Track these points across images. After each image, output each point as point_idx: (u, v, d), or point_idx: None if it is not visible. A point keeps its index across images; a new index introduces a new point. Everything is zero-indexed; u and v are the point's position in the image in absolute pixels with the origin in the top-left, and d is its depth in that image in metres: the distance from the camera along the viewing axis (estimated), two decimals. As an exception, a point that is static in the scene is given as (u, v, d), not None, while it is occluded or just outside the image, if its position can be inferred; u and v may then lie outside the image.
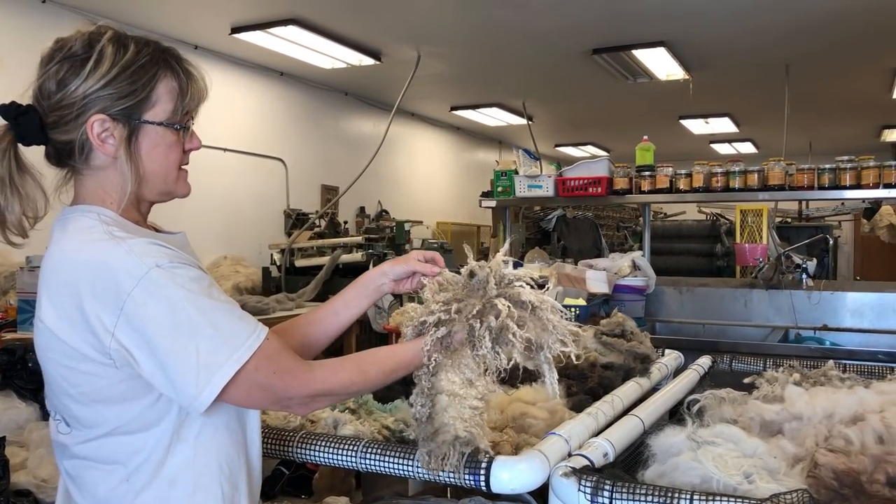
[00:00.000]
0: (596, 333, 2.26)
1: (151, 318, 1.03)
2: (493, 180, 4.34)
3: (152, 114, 1.15)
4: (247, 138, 6.02)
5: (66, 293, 1.07)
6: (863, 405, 1.49)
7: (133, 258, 1.05)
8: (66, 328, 1.07)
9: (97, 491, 1.13)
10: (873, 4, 4.57)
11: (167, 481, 1.12)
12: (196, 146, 1.23)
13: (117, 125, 1.13)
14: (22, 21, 4.44)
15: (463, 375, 1.27)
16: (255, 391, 1.09)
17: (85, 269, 1.06)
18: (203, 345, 1.05)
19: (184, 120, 1.19)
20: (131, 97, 1.13)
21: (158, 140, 1.16)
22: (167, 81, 1.16)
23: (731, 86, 6.83)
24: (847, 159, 3.45)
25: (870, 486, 1.17)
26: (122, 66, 1.12)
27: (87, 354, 1.07)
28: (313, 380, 1.13)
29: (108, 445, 1.12)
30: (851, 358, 2.92)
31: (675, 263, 5.53)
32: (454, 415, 1.24)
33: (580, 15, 4.82)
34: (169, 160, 1.19)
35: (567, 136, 9.87)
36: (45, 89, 1.14)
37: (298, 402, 1.14)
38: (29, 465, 2.33)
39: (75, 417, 1.14)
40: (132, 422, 1.10)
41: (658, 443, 1.38)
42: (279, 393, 1.11)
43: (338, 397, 1.22)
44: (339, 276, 5.44)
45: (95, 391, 1.09)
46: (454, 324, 1.27)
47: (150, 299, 1.03)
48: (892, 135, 9.35)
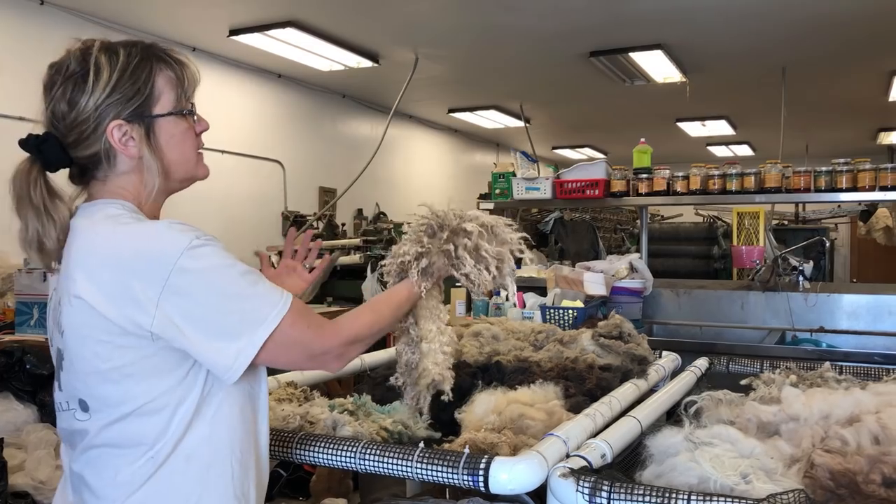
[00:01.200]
0: (594, 335, 2.27)
1: (198, 285, 1.10)
2: (491, 182, 4.34)
3: (160, 107, 1.21)
4: (245, 140, 6.02)
5: (108, 269, 1.11)
6: (859, 406, 1.50)
7: (173, 232, 1.11)
8: (108, 303, 1.10)
9: (117, 476, 1.15)
10: (869, 8, 4.59)
11: (184, 457, 1.15)
12: (205, 127, 1.29)
13: (133, 126, 1.19)
14: (20, 23, 4.44)
15: (436, 325, 1.49)
16: (293, 347, 1.18)
17: (127, 246, 1.11)
18: (247, 305, 1.13)
19: (188, 106, 1.25)
20: (137, 97, 1.19)
21: (173, 129, 1.23)
22: (163, 73, 1.22)
23: (728, 88, 6.85)
24: (843, 162, 3.46)
25: (866, 486, 1.18)
26: (119, 70, 1.17)
27: (126, 328, 1.10)
28: (342, 329, 1.25)
29: (131, 426, 1.14)
30: (847, 360, 2.92)
31: (672, 265, 5.55)
32: (432, 360, 1.46)
33: (577, 18, 4.83)
34: (186, 146, 1.26)
35: (564, 138, 9.89)
36: (58, 112, 1.18)
37: (334, 355, 1.24)
38: (27, 467, 2.34)
39: (100, 397, 1.15)
40: (158, 398, 1.14)
41: (655, 444, 1.39)
42: (315, 346, 1.21)
43: (365, 342, 1.32)
44: (337, 278, 5.45)
45: (128, 365, 1.12)
46: (431, 254, 1.48)
47: (194, 268, 1.10)
48: (888, 137, 9.38)
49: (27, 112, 4.83)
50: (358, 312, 1.33)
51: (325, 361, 1.24)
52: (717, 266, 5.75)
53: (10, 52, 4.36)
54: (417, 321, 1.45)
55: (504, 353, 2.23)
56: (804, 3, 4.56)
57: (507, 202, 4.28)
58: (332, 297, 5.35)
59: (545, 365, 2.10)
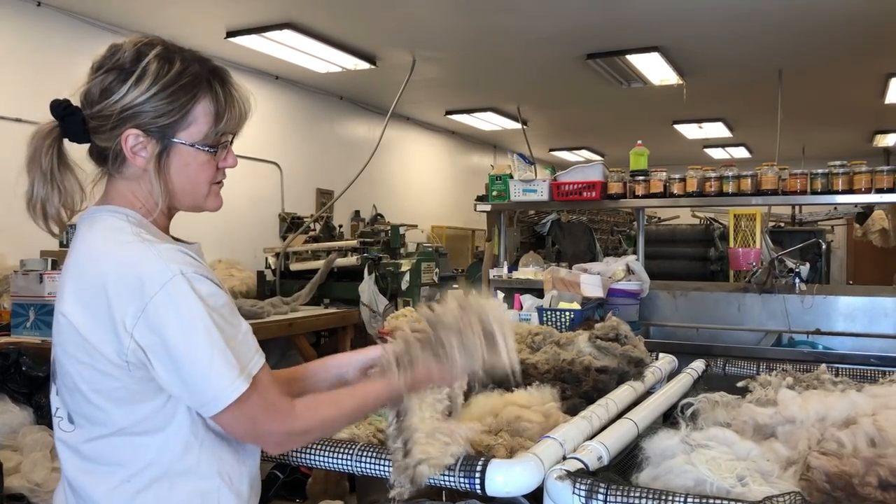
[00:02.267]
0: (590, 337, 2.27)
1: (172, 322, 1.06)
2: (488, 184, 4.34)
3: (186, 134, 1.17)
4: (242, 142, 5.92)
5: (92, 291, 1.09)
6: (855, 408, 1.50)
7: (160, 262, 1.08)
8: (90, 325, 1.09)
9: (93, 493, 1.14)
10: (865, 11, 4.60)
11: (168, 484, 1.13)
12: (230, 164, 1.26)
13: (150, 140, 1.16)
14: (17, 24, 4.43)
15: (433, 409, 1.33)
16: (240, 419, 1.11)
17: (113, 269, 1.09)
18: (214, 364, 1.07)
19: (218, 142, 1.21)
20: (167, 116, 1.15)
21: (189, 159, 1.19)
22: (205, 104, 1.18)
23: (725, 91, 6.86)
24: (839, 164, 3.46)
25: (861, 488, 1.18)
26: (163, 84, 1.14)
27: (105, 353, 1.09)
28: (296, 417, 1.15)
29: (112, 446, 1.13)
30: (844, 362, 2.93)
31: (669, 267, 5.55)
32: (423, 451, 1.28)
33: (574, 20, 4.84)
34: (199, 178, 1.22)
35: (562, 140, 9.90)
36: (91, 96, 1.16)
37: (275, 442, 1.16)
38: (23, 470, 2.33)
39: (84, 414, 1.15)
40: (139, 423, 1.12)
41: (652, 446, 1.39)
42: (260, 427, 1.12)
43: (315, 437, 1.23)
44: (334, 279, 5.44)
45: (109, 390, 1.11)
46: (413, 346, 1.31)
47: (171, 304, 1.06)
48: (884, 140, 9.41)
49: (24, 113, 4.81)
50: (319, 402, 1.21)
51: (266, 444, 1.19)
52: (713, 268, 5.75)
53: (7, 53, 4.36)
54: (405, 414, 1.31)
55: (501, 355, 2.23)
56: (800, 6, 4.57)
57: (504, 204, 4.28)
58: (329, 298, 5.35)
59: (542, 367, 2.10)
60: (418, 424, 1.29)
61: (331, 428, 1.24)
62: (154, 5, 4.65)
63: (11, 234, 3.71)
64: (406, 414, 1.31)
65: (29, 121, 4.27)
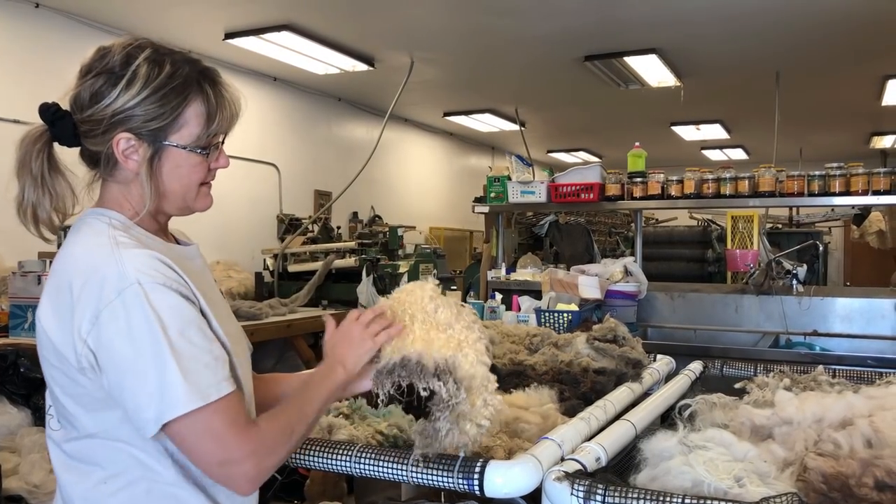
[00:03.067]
0: (588, 339, 2.27)
1: (121, 332, 1.04)
2: (486, 186, 4.35)
3: (178, 136, 1.16)
4: (240, 143, 6.02)
5: (61, 295, 1.09)
6: (852, 410, 1.51)
7: (120, 269, 1.06)
8: (56, 329, 1.09)
9: (73, 491, 1.15)
10: (862, 13, 4.62)
11: (144, 490, 1.13)
12: (222, 165, 1.24)
13: (142, 144, 1.15)
14: (14, 26, 4.43)
15: (481, 397, 1.28)
16: (205, 439, 1.06)
17: (79, 274, 1.08)
18: (159, 375, 1.04)
19: (209, 143, 1.20)
20: (159, 119, 1.14)
21: (181, 161, 1.18)
22: (196, 106, 1.17)
23: (722, 93, 6.87)
24: (836, 166, 3.48)
25: (858, 489, 1.19)
26: (153, 87, 1.13)
27: (68, 357, 1.09)
28: (258, 433, 1.10)
29: (88, 447, 1.13)
30: (841, 363, 2.94)
31: (666, 269, 5.56)
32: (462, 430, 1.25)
33: (572, 22, 4.85)
34: (190, 180, 1.20)
35: (559, 142, 9.91)
36: (80, 100, 1.15)
37: (248, 460, 1.08)
38: (21, 471, 2.33)
39: (62, 415, 1.16)
40: (108, 430, 1.12)
41: (650, 447, 1.40)
42: (229, 449, 1.07)
43: (281, 449, 1.14)
44: (332, 281, 5.44)
45: (76, 395, 1.11)
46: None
47: (123, 313, 1.04)
48: (881, 141, 9.43)
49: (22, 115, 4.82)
50: (272, 414, 1.16)
51: (235, 475, 1.09)
52: (711, 269, 5.76)
53: (5, 55, 4.36)
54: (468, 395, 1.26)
55: (499, 356, 2.23)
56: (798, 8, 4.58)
57: (502, 206, 4.29)
58: (327, 300, 5.35)
59: (540, 368, 2.10)
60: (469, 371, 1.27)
61: (290, 435, 1.15)
62: (152, 7, 4.65)
63: (9, 236, 3.70)
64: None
65: (27, 122, 4.24)
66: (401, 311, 1.35)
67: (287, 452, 1.15)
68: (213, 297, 1.22)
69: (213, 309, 1.18)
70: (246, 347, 1.30)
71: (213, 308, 1.18)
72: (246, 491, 1.12)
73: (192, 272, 1.18)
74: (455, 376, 1.24)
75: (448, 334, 1.31)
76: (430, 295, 1.37)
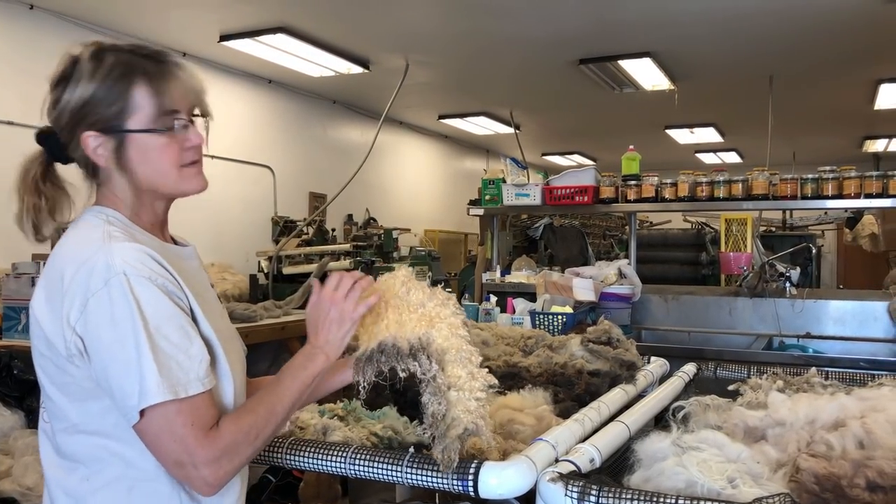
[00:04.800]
0: (582, 341, 2.28)
1: (105, 320, 1.06)
2: (481, 189, 4.36)
3: (135, 121, 1.16)
4: (235, 145, 6.01)
5: (53, 285, 1.12)
6: (844, 411, 1.52)
7: (108, 259, 1.09)
8: (48, 318, 1.11)
9: (57, 487, 1.16)
10: (856, 17, 4.64)
11: (126, 487, 1.13)
12: (195, 142, 1.22)
13: (106, 138, 1.17)
14: (9, 28, 4.42)
15: (466, 369, 1.31)
16: (165, 436, 1.07)
17: (70, 264, 1.11)
18: (143, 363, 1.05)
19: (168, 121, 1.18)
20: (110, 108, 1.15)
21: (146, 146, 1.18)
22: (143, 87, 1.16)
23: (716, 96, 6.90)
24: (829, 169, 3.50)
25: (850, 490, 1.19)
26: (98, 80, 1.15)
27: (57, 346, 1.11)
28: (220, 435, 1.09)
29: (75, 442, 1.14)
30: (833, 365, 2.96)
31: (660, 272, 5.57)
32: (462, 408, 1.26)
33: (567, 25, 4.86)
34: (162, 163, 1.19)
35: (554, 145, 9.93)
36: (51, 112, 1.19)
37: (206, 463, 1.07)
38: (14, 474, 2.32)
39: (47, 408, 1.18)
40: (93, 421, 1.13)
41: (643, 448, 1.40)
42: (187, 450, 1.06)
43: (244, 451, 1.12)
44: (327, 283, 5.43)
45: (63, 385, 1.13)
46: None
47: (108, 302, 1.07)
48: (874, 145, 9.47)
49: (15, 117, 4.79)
50: (236, 415, 1.15)
51: (194, 477, 1.08)
52: (705, 272, 5.78)
53: (0, 56, 4.35)
54: (444, 367, 1.28)
55: (494, 358, 2.24)
56: (791, 13, 4.61)
57: (497, 208, 4.29)
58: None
59: (534, 370, 2.11)
60: (454, 381, 1.28)
61: (256, 436, 1.14)
62: (147, 9, 4.65)
63: (3, 238, 3.70)
64: (444, 369, 1.28)
65: (20, 124, 4.26)
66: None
67: (252, 454, 1.15)
68: (207, 298, 1.24)
69: (205, 310, 1.19)
70: (240, 348, 1.31)
71: (205, 309, 1.19)
72: (206, 493, 1.11)
73: (185, 272, 1.19)
74: (428, 351, 1.27)
75: (420, 313, 1.34)
76: (401, 280, 1.40)
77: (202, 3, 4.57)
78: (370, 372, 1.27)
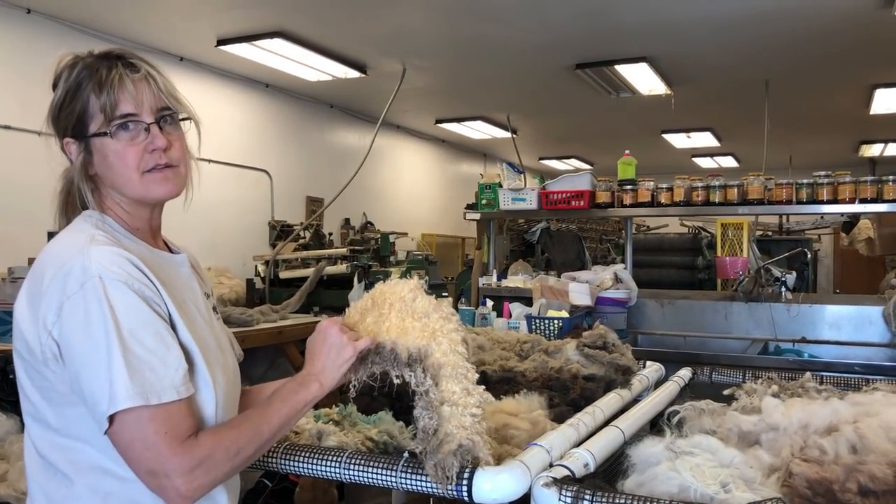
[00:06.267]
0: (578, 345, 2.28)
1: (79, 323, 1.06)
2: (478, 193, 4.37)
3: (93, 126, 1.18)
4: (232, 149, 6.02)
5: (34, 287, 1.12)
6: (837, 416, 1.52)
7: (84, 263, 1.08)
8: (28, 321, 1.11)
9: (40, 490, 1.16)
10: (851, 22, 4.66)
11: (102, 495, 1.13)
12: (158, 146, 1.19)
13: (78, 144, 1.20)
14: (6, 32, 4.42)
15: (461, 384, 1.30)
16: (136, 444, 1.05)
17: (50, 267, 1.11)
18: (113, 368, 1.04)
19: (113, 124, 1.17)
20: (73, 115, 1.18)
21: (105, 150, 1.18)
22: (94, 91, 1.17)
23: (712, 101, 6.92)
24: (824, 174, 3.51)
25: (842, 494, 1.20)
26: (66, 87, 1.18)
27: (35, 350, 1.11)
28: (197, 446, 1.07)
29: (55, 447, 1.14)
30: (829, 370, 2.97)
31: (656, 276, 5.58)
32: (456, 424, 1.25)
33: (564, 30, 4.88)
34: (121, 167, 1.19)
35: (551, 149, 9.94)
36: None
37: (179, 474, 1.05)
38: (9, 478, 2.32)
39: (27, 412, 1.18)
40: (71, 427, 1.12)
41: (637, 453, 1.41)
42: (159, 459, 1.05)
43: (222, 466, 1.10)
44: (324, 287, 5.44)
45: (42, 389, 1.13)
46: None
47: (83, 305, 1.06)
48: (869, 150, 9.50)
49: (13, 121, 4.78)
50: (218, 428, 1.14)
51: (165, 487, 1.06)
52: (701, 277, 5.79)
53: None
54: (438, 382, 1.27)
55: (489, 362, 2.24)
56: (787, 17, 4.63)
57: (494, 212, 4.30)
58: (318, 306, 5.34)
59: (530, 375, 2.11)
60: (447, 396, 1.28)
61: (237, 454, 1.12)
62: (144, 13, 4.66)
63: None
64: (438, 383, 1.27)
65: (17, 128, 4.26)
66: (381, 301, 1.38)
67: (230, 471, 1.12)
68: (191, 307, 1.23)
69: (187, 318, 1.18)
70: (227, 359, 1.29)
71: (187, 317, 1.18)
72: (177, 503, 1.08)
73: (172, 279, 1.19)
74: (424, 364, 1.27)
75: (423, 323, 1.33)
76: (410, 287, 1.40)
77: (199, 8, 4.57)
78: (362, 372, 1.27)
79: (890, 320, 3.51)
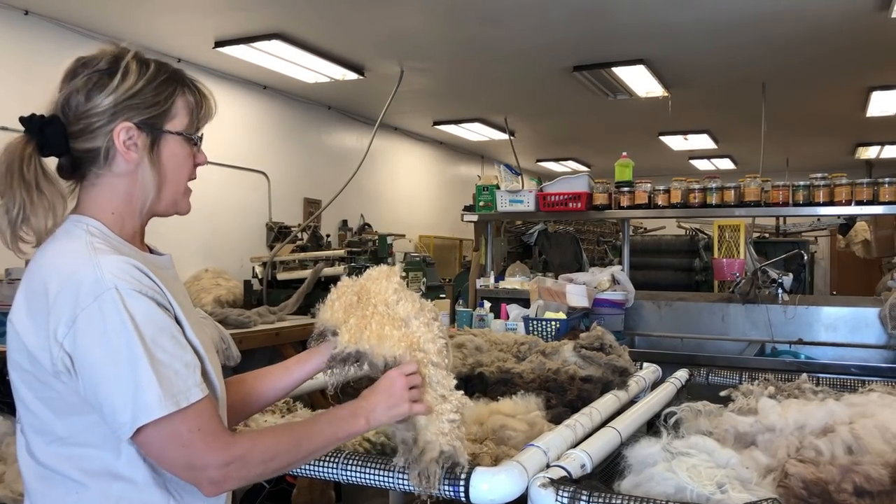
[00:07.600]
0: (575, 347, 2.29)
1: (97, 336, 1.05)
2: (476, 195, 4.37)
3: (172, 125, 1.23)
4: (230, 151, 6.02)
5: (37, 299, 1.10)
6: (833, 417, 1.53)
7: (97, 273, 1.07)
8: (32, 332, 1.10)
9: (44, 502, 1.15)
10: (848, 24, 4.68)
11: (114, 499, 1.13)
12: (202, 161, 1.29)
13: (141, 134, 1.19)
14: (4, 33, 4.42)
15: (437, 392, 1.32)
16: (172, 445, 1.08)
17: (55, 277, 1.09)
18: (140, 377, 1.05)
19: (195, 137, 1.26)
20: (155, 108, 1.20)
21: (176, 150, 1.24)
22: (185, 97, 1.24)
23: (710, 103, 6.93)
24: (820, 176, 3.52)
25: (837, 495, 1.20)
26: (146, 80, 1.20)
27: (42, 361, 1.09)
28: (234, 443, 1.11)
29: (60, 456, 1.13)
30: (825, 371, 2.97)
31: (654, 278, 5.59)
32: (435, 431, 1.27)
33: (561, 33, 4.89)
34: (181, 172, 1.26)
35: (548, 151, 9.95)
36: (73, 100, 1.18)
37: (210, 476, 1.09)
38: (6, 479, 2.32)
39: (28, 423, 1.16)
40: (80, 434, 1.12)
41: (634, 454, 1.41)
42: (196, 454, 1.08)
43: (250, 464, 1.13)
44: (321, 289, 5.44)
45: (48, 400, 1.12)
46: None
47: (100, 318, 1.05)
48: (866, 152, 9.52)
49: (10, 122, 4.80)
50: (260, 431, 1.20)
51: (201, 479, 1.10)
52: (698, 278, 5.80)
53: (-6, 62, 4.35)
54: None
55: (487, 364, 2.25)
56: (784, 20, 4.64)
57: (491, 214, 4.31)
58: (316, 308, 5.34)
59: (527, 376, 2.12)
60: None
61: (271, 459, 1.15)
62: (143, 14, 4.66)
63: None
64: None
65: (15, 130, 4.24)
66: (365, 300, 1.40)
67: (262, 474, 1.15)
68: (186, 306, 1.23)
69: (189, 319, 1.19)
70: (216, 355, 1.31)
71: (189, 318, 1.19)
72: (208, 493, 1.12)
73: (167, 281, 1.19)
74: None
75: (403, 332, 1.35)
76: (394, 288, 1.42)
77: (197, 10, 4.58)
78: (339, 372, 1.31)
79: (886, 322, 3.52)
